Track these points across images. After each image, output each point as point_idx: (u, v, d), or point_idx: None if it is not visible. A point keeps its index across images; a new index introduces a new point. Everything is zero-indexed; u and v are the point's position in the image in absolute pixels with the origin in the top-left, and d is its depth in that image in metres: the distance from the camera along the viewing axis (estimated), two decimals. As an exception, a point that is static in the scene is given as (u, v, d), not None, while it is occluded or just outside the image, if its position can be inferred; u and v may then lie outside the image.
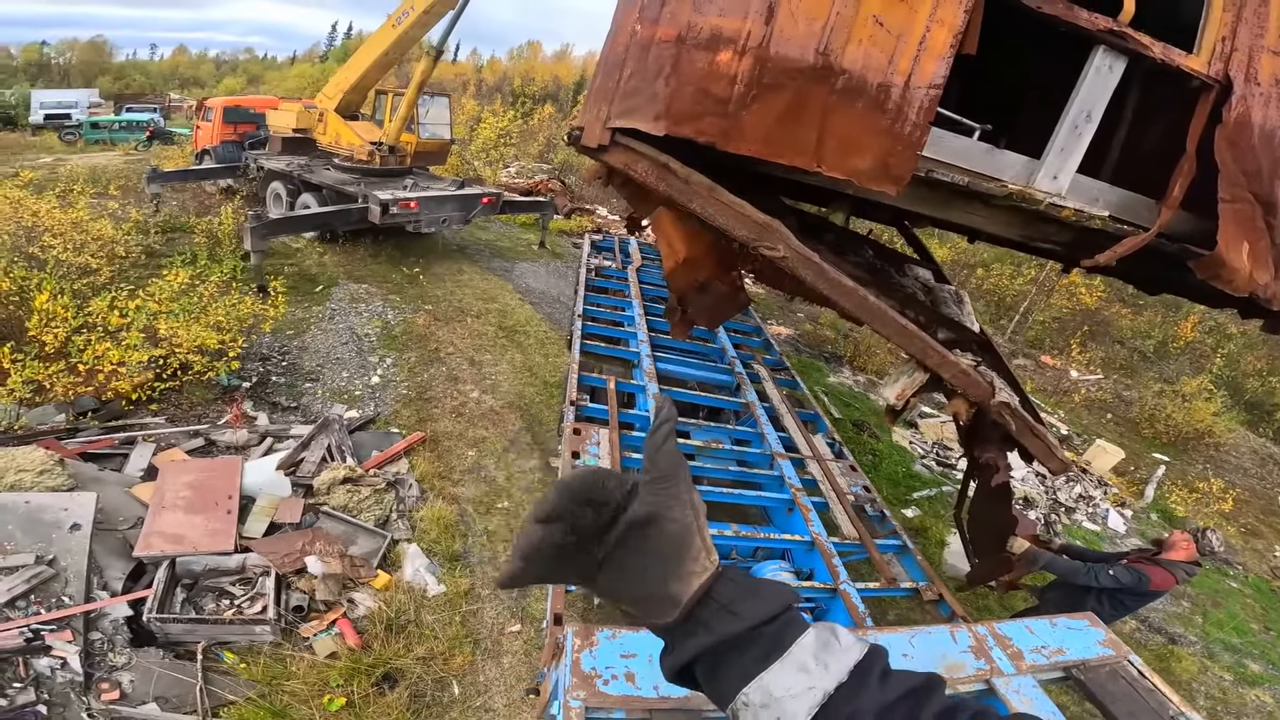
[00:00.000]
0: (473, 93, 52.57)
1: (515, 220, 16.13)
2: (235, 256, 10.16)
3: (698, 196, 2.63)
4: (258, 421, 6.61)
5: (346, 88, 12.89)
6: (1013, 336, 17.01)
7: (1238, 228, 2.83)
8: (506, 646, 4.64)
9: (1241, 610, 7.67)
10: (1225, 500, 10.21)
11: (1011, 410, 3.13)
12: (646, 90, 2.47)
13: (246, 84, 55.92)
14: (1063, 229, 3.18)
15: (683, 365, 5.97)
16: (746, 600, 0.63)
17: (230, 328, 7.16)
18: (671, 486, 0.65)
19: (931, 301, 4.02)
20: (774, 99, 2.42)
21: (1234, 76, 2.75)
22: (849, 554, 3.92)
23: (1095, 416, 13.56)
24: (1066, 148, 2.80)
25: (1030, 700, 2.30)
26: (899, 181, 2.52)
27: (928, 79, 2.42)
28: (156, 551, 4.55)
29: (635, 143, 2.55)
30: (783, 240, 2.69)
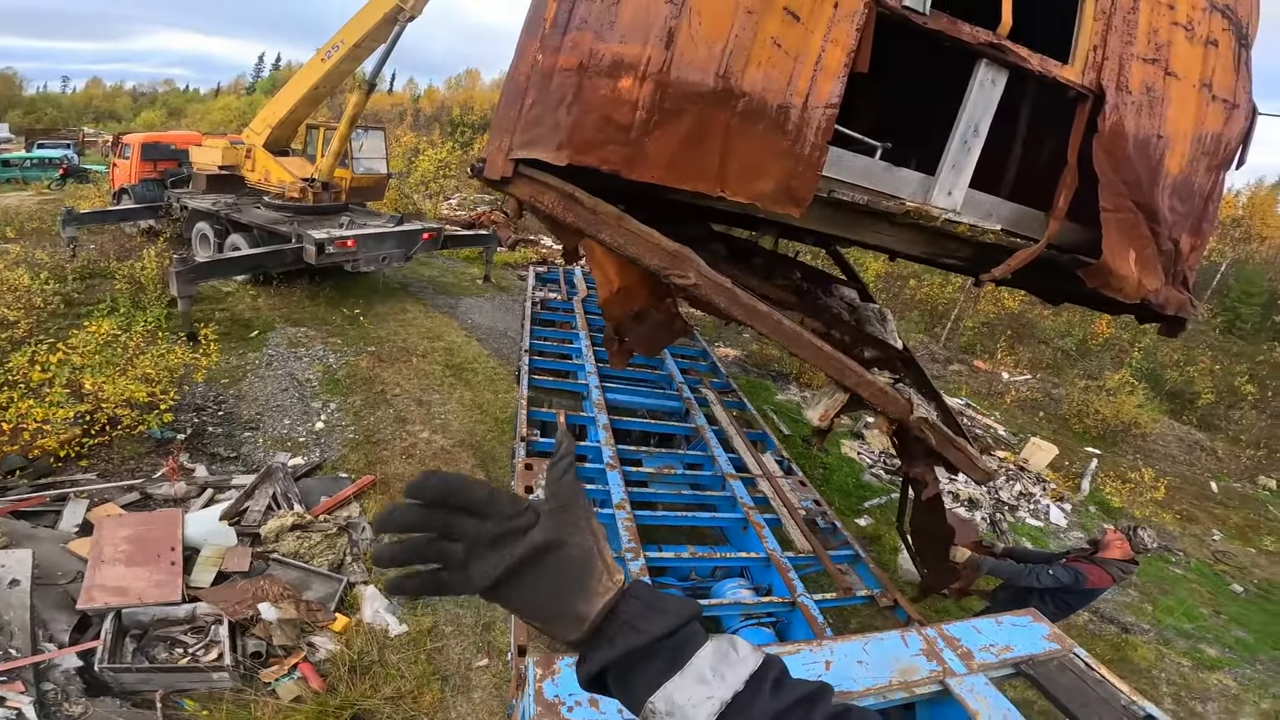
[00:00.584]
0: (410, 123, 52.27)
1: (458, 254, 16.06)
2: (161, 303, 9.89)
3: (606, 226, 2.62)
4: (196, 473, 6.51)
5: (275, 122, 12.70)
6: (946, 343, 17.96)
7: (1122, 236, 2.96)
8: (475, 681, 4.70)
9: (1189, 596, 8.09)
10: (1158, 489, 10.79)
11: (930, 425, 3.25)
12: (549, 119, 2.46)
13: (167, 118, 54.00)
14: (963, 244, 3.27)
15: (632, 394, 6.20)
16: (649, 616, 0.69)
17: (160, 379, 7.01)
18: (572, 514, 0.71)
19: (856, 320, 4.17)
20: (676, 124, 2.44)
21: (1106, 85, 2.81)
22: (804, 567, 4.04)
23: (1029, 415, 14.40)
24: (958, 163, 2.89)
25: (985, 698, 2.35)
26: (801, 203, 2.58)
27: (825, 98, 2.50)
28: (100, 604, 4.53)
29: (539, 173, 2.53)
30: (693, 268, 2.71)
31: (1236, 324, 29.60)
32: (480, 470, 7.23)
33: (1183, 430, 16.13)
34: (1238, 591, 8.81)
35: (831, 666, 2.39)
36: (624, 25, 2.41)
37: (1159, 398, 17.72)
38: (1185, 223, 3.18)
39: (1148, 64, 2.92)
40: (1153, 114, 2.95)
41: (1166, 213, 3.06)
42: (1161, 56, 2.95)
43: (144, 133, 17.96)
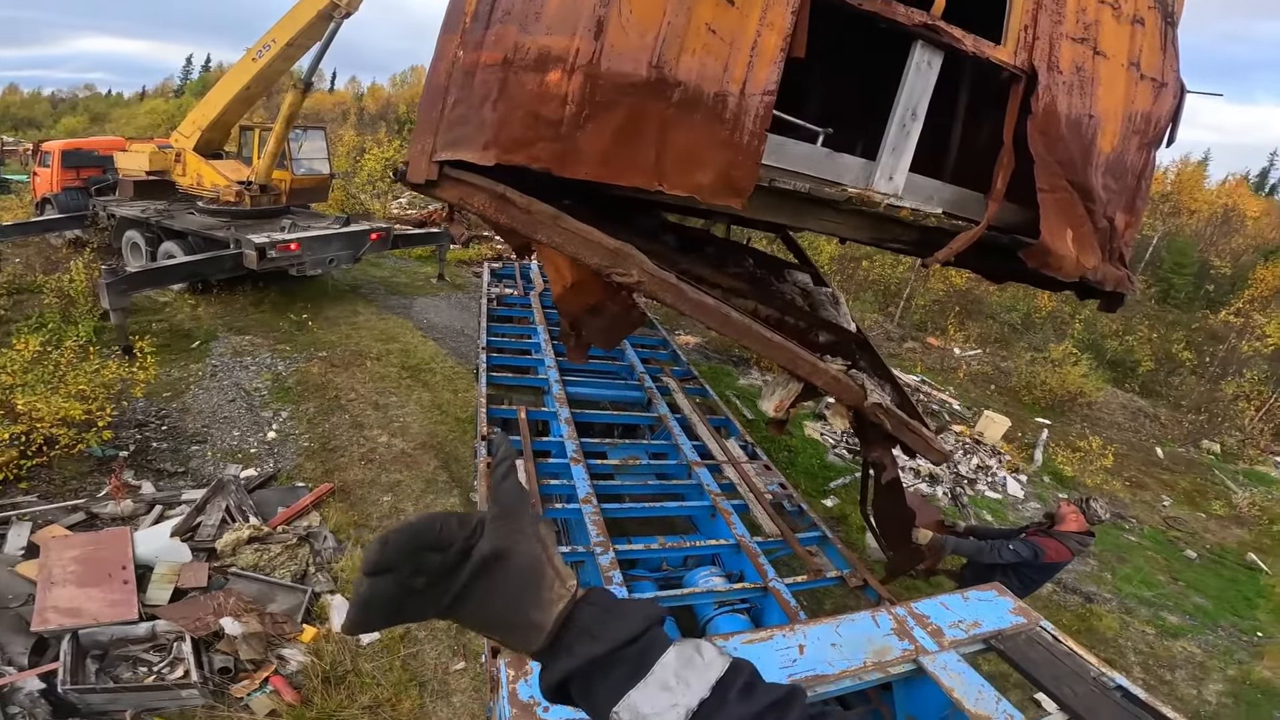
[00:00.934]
0: (354, 122, 50.91)
1: (410, 254, 15.80)
2: (93, 317, 9.47)
3: (542, 226, 2.54)
4: (142, 490, 6.28)
5: (205, 125, 12.19)
6: (900, 322, 18.54)
7: (1059, 215, 3.00)
8: (454, 685, 4.68)
9: (1146, 563, 8.42)
10: (1106, 456, 11.30)
11: (885, 410, 3.28)
12: (473, 118, 2.36)
13: (90, 123, 51.38)
14: (907, 228, 3.28)
15: (593, 386, 6.24)
16: (607, 623, 0.68)
17: (96, 395, 6.76)
18: (516, 521, 0.69)
19: (810, 305, 4.22)
20: (608, 117, 2.36)
21: (1038, 66, 2.81)
22: (774, 551, 4.12)
23: (980, 389, 14.97)
24: (897, 147, 2.88)
25: (959, 675, 2.39)
26: (742, 194, 2.53)
27: (762, 85, 2.45)
28: (55, 626, 4.41)
29: (467, 175, 2.44)
30: (636, 265, 2.63)
31: (1171, 294, 31.32)
32: (443, 470, 7.17)
33: (1126, 398, 16.95)
34: (1191, 557, 9.19)
35: (805, 651, 2.42)
36: (550, 16, 2.32)
37: (1101, 367, 18.65)
38: (1119, 200, 3.27)
39: (1077, 43, 2.94)
40: (1084, 93, 2.98)
41: (1101, 191, 3.11)
42: (1090, 36, 2.98)
43: (65, 139, 17.04)
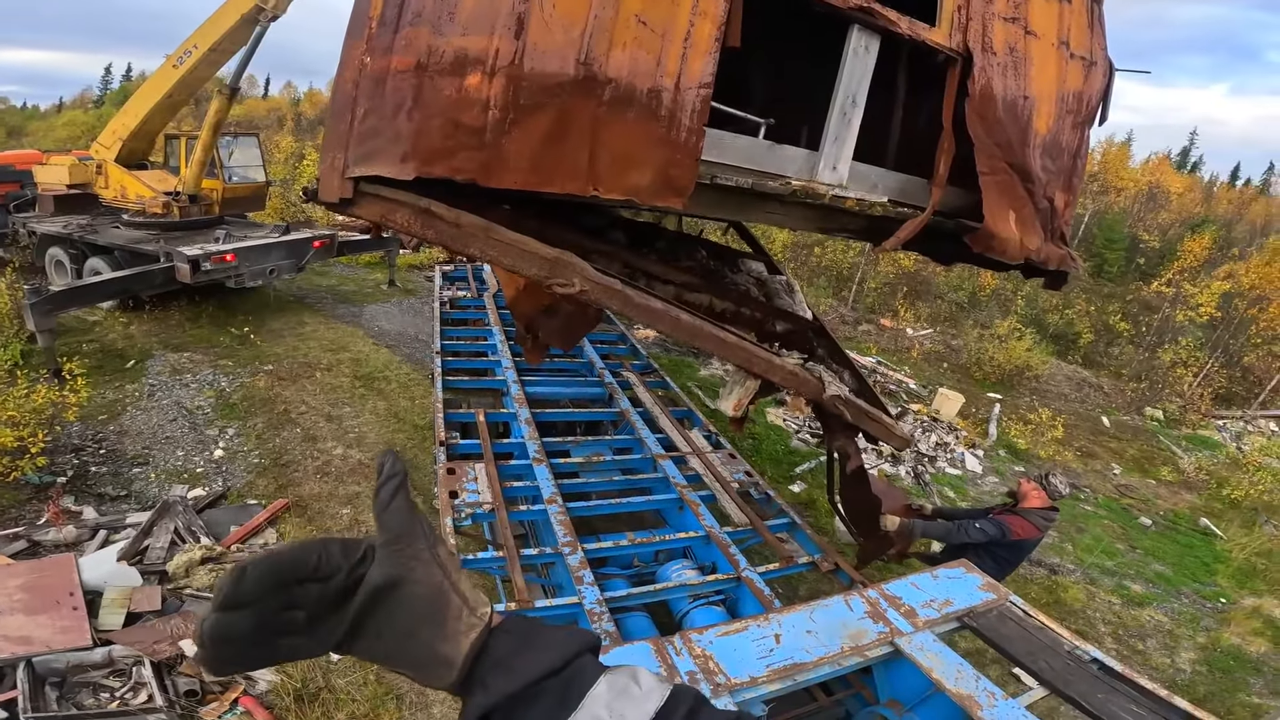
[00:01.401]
0: (291, 128, 49.33)
1: (358, 260, 15.42)
2: (19, 339, 8.98)
3: (474, 240, 2.40)
4: (84, 515, 6.05)
5: (126, 135, 11.70)
6: (854, 305, 19.03)
7: (1001, 198, 3.02)
8: (432, 696, 4.59)
9: (1104, 533, 8.71)
10: (1056, 428, 11.73)
11: (845, 401, 3.27)
12: (387, 130, 2.22)
13: (6, 137, 48.54)
14: (854, 217, 3.27)
15: (553, 385, 6.21)
16: (523, 654, 0.63)
17: (27, 421, 6.47)
18: (409, 547, 0.62)
19: (765, 295, 4.22)
20: (535, 121, 2.24)
21: (973, 47, 2.78)
22: (744, 540, 4.13)
23: (934, 367, 15.46)
24: (839, 136, 2.82)
25: (935, 654, 2.39)
26: (683, 193, 2.45)
27: (697, 78, 2.36)
28: (6, 655, 4.25)
29: (386, 189, 2.29)
30: (578, 274, 2.51)
31: (1104, 269, 32.93)
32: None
33: (1070, 370, 17.74)
34: (1147, 525, 9.55)
35: (782, 640, 2.43)
36: (465, 16, 2.18)
37: (1045, 341, 19.46)
38: (1058, 180, 3.31)
39: (1008, 23, 2.93)
40: (1018, 74, 2.97)
41: (1040, 172, 3.12)
42: (1020, 15, 2.98)
43: (-25, 155, 16.09)
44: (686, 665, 2.27)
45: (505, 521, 3.85)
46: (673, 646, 2.35)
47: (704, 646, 2.38)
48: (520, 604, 3.23)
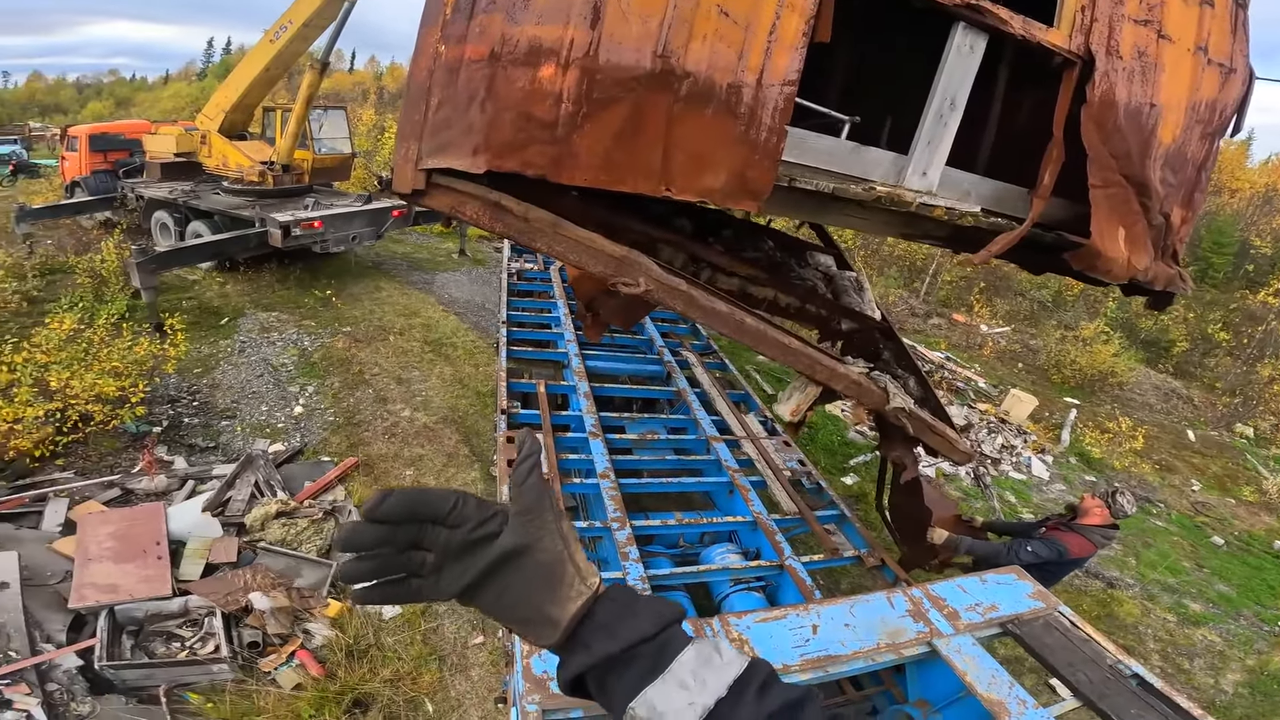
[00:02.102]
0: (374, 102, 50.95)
1: (432, 230, 15.83)
2: (125, 295, 9.67)
3: (541, 235, 2.36)
4: (175, 466, 6.43)
5: (228, 107, 12.35)
6: (926, 298, 18.21)
7: (1111, 213, 2.75)
8: (472, 659, 4.74)
9: (1172, 549, 8.17)
10: (1136, 438, 10.97)
11: (908, 414, 3.13)
12: (459, 121, 2.17)
13: (115, 108, 52.18)
14: (941, 225, 3.07)
15: (612, 360, 6.21)
16: (625, 620, 0.68)
17: (129, 372, 6.90)
18: (538, 518, 0.70)
19: (833, 291, 4.05)
20: (608, 116, 2.14)
21: (1096, 51, 2.56)
22: (791, 529, 4.06)
23: (1008, 367, 14.67)
24: (933, 140, 2.62)
25: (972, 658, 2.35)
26: (759, 196, 2.31)
27: (782, 75, 2.20)
28: (92, 602, 4.50)
29: (458, 181, 2.24)
30: (643, 273, 2.45)
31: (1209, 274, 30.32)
32: (464, 445, 7.23)
33: (1159, 379, 16.49)
34: (1218, 544, 8.89)
35: (819, 631, 2.40)
36: (540, 3, 2.10)
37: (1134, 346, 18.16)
38: (1177, 194, 2.99)
39: (1140, 26, 2.67)
40: (1145, 81, 2.71)
41: (1158, 186, 2.85)
42: (1154, 18, 2.71)
43: (91, 124, 17.32)
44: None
45: (559, 493, 3.88)
46: (711, 628, 2.34)
47: (741, 630, 2.37)
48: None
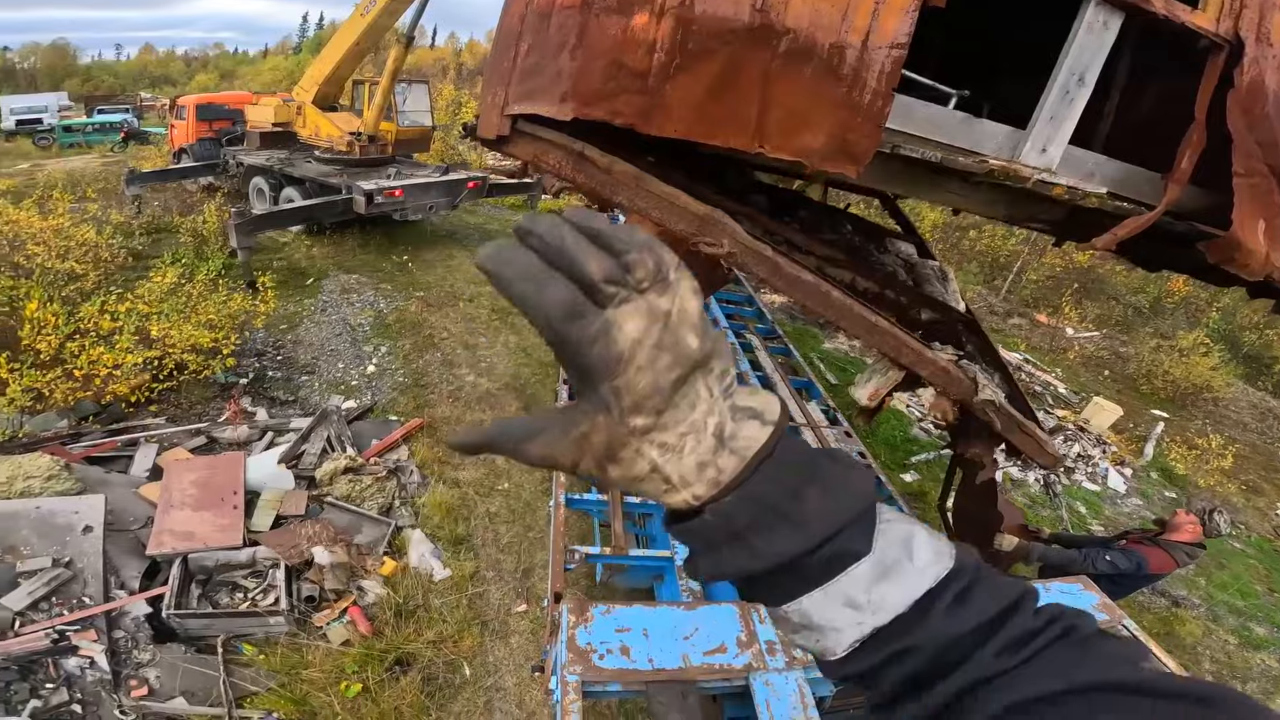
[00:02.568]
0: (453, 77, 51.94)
1: (503, 203, 16.12)
2: (222, 254, 10.22)
3: (623, 188, 2.30)
4: (257, 417, 6.72)
5: (321, 79, 12.84)
6: (1007, 296, 17.17)
7: (1254, 204, 2.54)
8: (513, 626, 4.79)
9: (1245, 572, 7.64)
10: (1225, 457, 10.12)
11: (996, 408, 2.94)
12: (549, 68, 2.14)
13: (219, 80, 55.13)
14: (1053, 207, 2.86)
15: (675, 339, 6.07)
16: (778, 524, 0.50)
17: (222, 325, 7.25)
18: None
19: (914, 279, 3.84)
20: (702, 68, 2.07)
21: (1245, 36, 2.40)
22: None
23: (1092, 373, 13.71)
24: (1057, 115, 2.44)
25: None
26: (859, 160, 2.18)
27: (890, 37, 2.06)
28: (168, 549, 4.64)
29: (542, 130, 2.22)
30: (727, 234, 2.35)
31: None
32: (524, 413, 7.26)
33: (1257, 396, 15.13)
34: None
35: None
36: None
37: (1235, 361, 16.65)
38: None
39: None
40: None
41: None
42: None
43: (198, 95, 18.30)
44: (768, 634, 2.21)
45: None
46: (757, 613, 2.28)
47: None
48: (615, 551, 3.21)
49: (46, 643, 3.91)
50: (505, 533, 5.64)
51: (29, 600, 4.11)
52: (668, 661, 2.03)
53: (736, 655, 2.10)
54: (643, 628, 2.12)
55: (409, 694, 4.13)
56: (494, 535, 5.60)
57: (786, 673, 2.07)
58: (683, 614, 2.25)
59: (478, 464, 6.43)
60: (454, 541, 5.42)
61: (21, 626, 4.02)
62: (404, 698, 4.11)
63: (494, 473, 6.34)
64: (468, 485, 6.09)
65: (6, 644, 3.87)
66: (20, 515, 4.59)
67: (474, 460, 6.46)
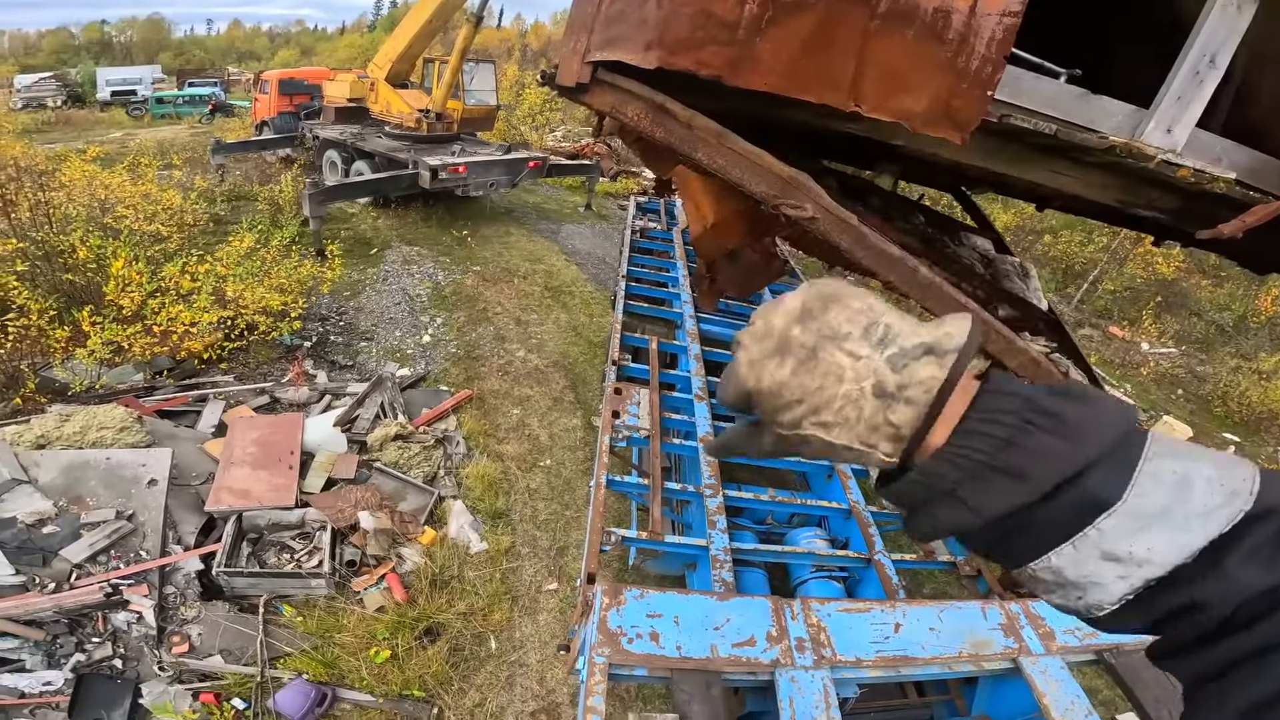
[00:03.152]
0: (517, 59, 52.14)
1: (561, 183, 16.11)
2: (295, 222, 10.51)
3: (703, 144, 2.21)
4: (317, 379, 6.88)
5: (395, 57, 12.99)
6: (1079, 305, 16.14)
7: None
8: (543, 604, 4.76)
9: None
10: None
11: None
12: (634, 13, 2.06)
13: (300, 56, 56.86)
14: (1168, 193, 2.63)
15: (726, 326, 5.88)
16: (1025, 442, 0.46)
17: (292, 289, 7.44)
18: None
19: (992, 275, 3.60)
20: (797, 21, 1.97)
21: None
22: (887, 524, 3.74)
23: (1164, 392, 12.80)
24: (1184, 95, 2.25)
25: (1056, 682, 2.23)
26: (964, 126, 2.04)
27: (1001, 4, 1.94)
28: (225, 506, 4.73)
29: (623, 79, 2.13)
30: (811, 197, 2.22)
31: None
32: (570, 391, 7.25)
33: (1336, 427, 13.81)
34: None
35: (900, 630, 2.26)
36: None
37: (1320, 387, 15.23)
38: None
39: None
40: None
41: None
42: None
43: (280, 70, 18.88)
44: (798, 631, 2.15)
45: (657, 451, 3.70)
46: (790, 609, 2.21)
47: (821, 617, 2.23)
48: (651, 536, 3.10)
49: (99, 596, 3.97)
50: (543, 509, 5.61)
51: (88, 553, 4.18)
52: (696, 650, 1.98)
53: (765, 650, 2.05)
54: (674, 614, 2.08)
55: (435, 663, 4.14)
56: (532, 511, 5.58)
57: (813, 671, 2.01)
58: (715, 604, 2.20)
59: (521, 439, 6.42)
60: (493, 515, 5.41)
61: (77, 579, 4.09)
62: (429, 667, 4.12)
63: (537, 449, 6.32)
64: (511, 460, 6.09)
65: (60, 596, 3.95)
66: (90, 465, 4.74)
67: (518, 434, 6.46)
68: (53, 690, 3.68)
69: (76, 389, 5.91)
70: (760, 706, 2.31)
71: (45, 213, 7.71)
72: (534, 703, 4.12)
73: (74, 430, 5.03)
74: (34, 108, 26.83)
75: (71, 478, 4.64)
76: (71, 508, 4.46)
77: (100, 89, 29.81)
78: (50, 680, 3.71)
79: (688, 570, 3.48)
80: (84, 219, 8.14)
